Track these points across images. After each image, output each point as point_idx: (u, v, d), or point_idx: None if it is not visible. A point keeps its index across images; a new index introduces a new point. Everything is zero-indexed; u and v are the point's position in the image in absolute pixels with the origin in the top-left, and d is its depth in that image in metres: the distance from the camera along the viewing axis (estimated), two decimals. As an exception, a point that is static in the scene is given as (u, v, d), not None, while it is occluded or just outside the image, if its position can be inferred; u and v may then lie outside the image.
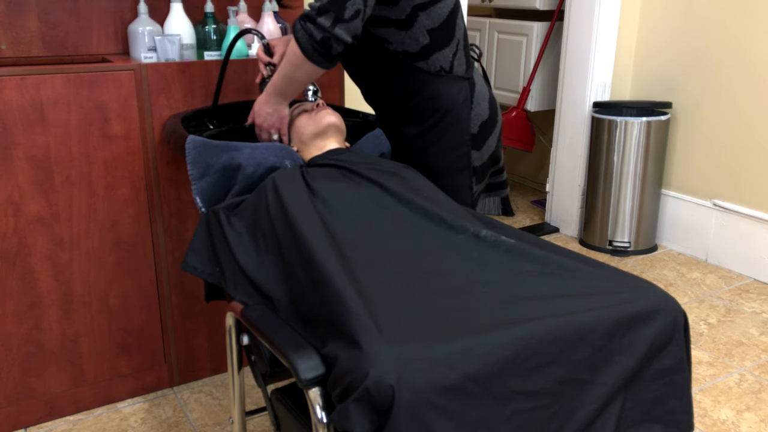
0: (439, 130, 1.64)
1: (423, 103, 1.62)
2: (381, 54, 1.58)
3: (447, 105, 1.62)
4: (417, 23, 1.53)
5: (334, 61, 1.49)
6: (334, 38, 1.42)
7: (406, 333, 1.03)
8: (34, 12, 1.99)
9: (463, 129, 1.65)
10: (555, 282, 1.19)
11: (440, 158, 1.66)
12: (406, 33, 1.54)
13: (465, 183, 1.70)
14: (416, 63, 1.57)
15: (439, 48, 1.57)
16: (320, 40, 1.43)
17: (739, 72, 2.85)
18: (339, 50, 1.45)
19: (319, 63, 1.47)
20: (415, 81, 1.59)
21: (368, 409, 0.94)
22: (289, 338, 1.14)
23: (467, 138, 1.67)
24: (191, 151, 1.55)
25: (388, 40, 1.55)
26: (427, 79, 1.59)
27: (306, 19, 1.43)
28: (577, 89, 3.26)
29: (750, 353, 2.33)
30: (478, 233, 1.30)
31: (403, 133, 1.67)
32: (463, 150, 1.67)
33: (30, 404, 1.93)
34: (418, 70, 1.58)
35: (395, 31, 1.54)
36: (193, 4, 2.15)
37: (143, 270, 2.00)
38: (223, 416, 2.00)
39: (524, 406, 1.02)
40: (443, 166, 1.67)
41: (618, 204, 3.13)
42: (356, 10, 1.41)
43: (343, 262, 1.17)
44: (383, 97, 1.67)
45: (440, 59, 1.58)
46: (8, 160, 1.75)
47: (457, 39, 1.60)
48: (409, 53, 1.56)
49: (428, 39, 1.55)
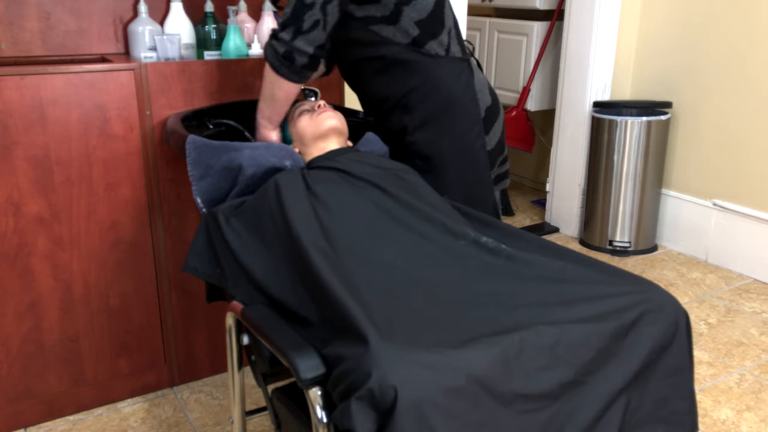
0: (447, 116, 1.64)
1: (426, 87, 1.61)
2: (377, 47, 1.59)
3: (449, 87, 1.62)
4: (403, 17, 1.56)
5: (301, 73, 1.54)
6: (296, 50, 1.49)
7: (407, 337, 1.03)
8: (34, 12, 1.99)
9: (471, 113, 1.65)
10: (556, 288, 1.19)
11: (453, 144, 1.65)
12: (394, 27, 1.57)
13: (482, 165, 1.69)
14: (413, 48, 1.59)
15: (432, 37, 1.60)
16: (283, 54, 1.50)
17: (739, 72, 2.85)
18: (304, 62, 1.50)
19: (288, 77, 1.53)
20: (415, 67, 1.60)
21: (370, 408, 0.94)
22: (289, 338, 1.14)
23: (478, 119, 1.67)
24: (191, 152, 1.55)
25: (380, 34, 1.57)
26: (426, 63, 1.60)
27: (271, 36, 1.51)
28: (577, 89, 3.26)
29: (750, 353, 2.33)
30: (479, 239, 1.30)
31: (409, 125, 1.65)
32: (476, 130, 1.67)
33: (30, 404, 1.93)
34: (417, 53, 1.59)
35: (384, 26, 1.56)
36: (192, 3, 2.15)
37: (143, 270, 2.00)
38: (223, 416, 2.00)
39: (527, 408, 1.02)
40: (456, 152, 1.66)
41: (618, 204, 3.13)
42: (314, 21, 1.46)
43: (342, 269, 1.17)
44: (384, 93, 1.66)
45: (435, 47, 1.61)
46: (8, 160, 1.75)
47: (448, 27, 1.63)
48: (402, 44, 1.59)
49: (418, 30, 1.58)
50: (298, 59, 1.50)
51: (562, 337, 1.06)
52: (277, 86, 1.56)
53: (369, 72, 1.66)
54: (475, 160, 1.68)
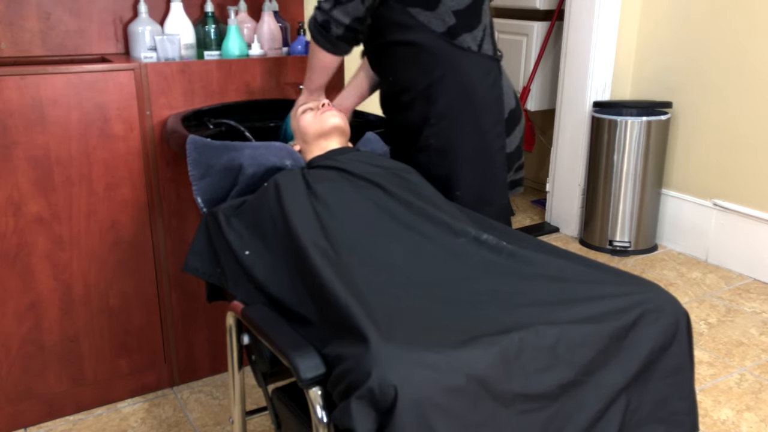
0: (470, 111, 1.62)
1: (452, 79, 1.60)
2: (411, 31, 1.58)
3: (476, 83, 1.61)
4: (442, 3, 1.56)
5: (336, 44, 1.58)
6: (333, 20, 1.54)
7: (408, 336, 1.03)
8: (34, 12, 1.99)
9: (494, 111, 1.64)
10: (557, 286, 1.19)
11: (472, 140, 1.63)
12: (432, 13, 1.56)
13: (499, 166, 1.68)
14: (445, 39, 1.58)
15: (466, 30, 1.59)
16: (321, 23, 1.56)
17: (739, 72, 2.85)
18: (339, 33, 1.56)
19: (323, 46, 1.59)
20: (445, 58, 1.59)
21: (370, 408, 0.94)
22: (289, 338, 1.14)
23: (501, 118, 1.66)
24: (191, 151, 1.55)
25: (417, 18, 1.57)
26: (456, 55, 1.59)
27: (316, 6, 1.57)
28: (577, 89, 3.26)
29: (750, 353, 2.33)
30: (479, 237, 1.30)
31: (431, 116, 1.63)
32: (498, 130, 1.66)
33: (30, 404, 1.93)
34: (449, 44, 1.58)
35: (422, 11, 1.57)
36: (192, 3, 2.15)
37: (143, 270, 2.00)
38: (223, 416, 2.00)
39: (527, 408, 1.02)
40: (474, 149, 1.64)
41: (618, 204, 3.13)
42: None
43: (342, 268, 1.17)
44: (410, 81, 1.64)
45: (468, 40, 1.60)
46: (8, 159, 1.75)
47: (483, 24, 1.62)
48: (436, 32, 1.58)
49: (454, 20, 1.58)
50: (333, 29, 1.55)
51: (562, 337, 1.06)
52: (313, 54, 1.64)
53: (398, 57, 1.63)
54: (493, 159, 1.66)
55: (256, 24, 2.16)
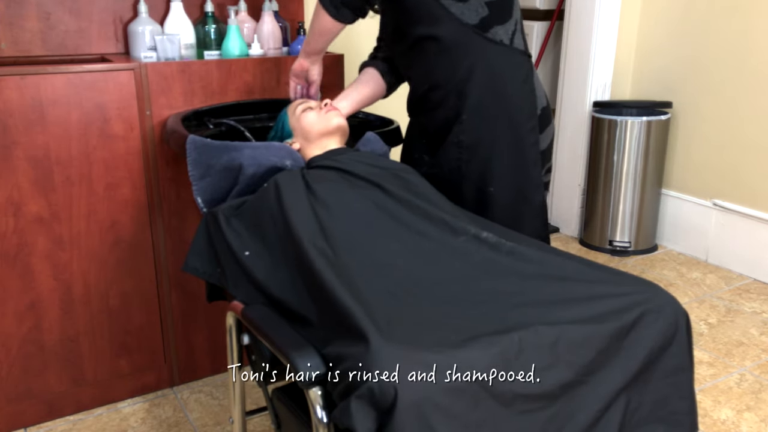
0: (502, 105, 1.59)
1: (485, 73, 1.57)
2: (442, 24, 1.55)
3: (508, 77, 1.59)
4: None
5: (340, 9, 1.57)
6: None
7: (408, 336, 1.03)
8: (34, 12, 1.99)
9: (527, 106, 1.61)
10: (557, 286, 1.19)
11: (504, 134, 1.60)
12: (464, 4, 1.54)
13: (532, 162, 1.63)
14: (477, 32, 1.55)
15: (498, 22, 1.56)
16: None
17: (739, 72, 2.85)
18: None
19: (327, 8, 1.58)
20: (477, 51, 1.56)
21: (370, 407, 0.94)
22: (289, 338, 1.14)
23: (534, 113, 1.62)
24: (191, 152, 1.55)
25: (449, 9, 1.54)
26: (488, 48, 1.57)
27: None
28: (577, 89, 3.26)
29: (750, 353, 2.33)
30: (479, 235, 1.30)
31: (462, 111, 1.60)
32: (531, 125, 1.62)
33: (30, 404, 1.93)
34: (481, 37, 1.55)
35: (453, 2, 1.53)
36: (192, 3, 2.15)
37: (143, 270, 2.00)
38: (223, 416, 2.00)
39: (526, 408, 1.02)
40: (506, 143, 1.60)
41: (618, 204, 3.13)
42: None
43: (342, 268, 1.17)
44: (441, 77, 1.61)
45: (500, 33, 1.57)
46: (8, 159, 1.75)
47: (515, 19, 1.60)
48: (468, 24, 1.55)
49: (487, 11, 1.55)
50: None
51: (561, 337, 1.06)
52: (316, 16, 1.63)
53: (429, 53, 1.60)
54: (526, 154, 1.62)
55: (256, 24, 2.16)
